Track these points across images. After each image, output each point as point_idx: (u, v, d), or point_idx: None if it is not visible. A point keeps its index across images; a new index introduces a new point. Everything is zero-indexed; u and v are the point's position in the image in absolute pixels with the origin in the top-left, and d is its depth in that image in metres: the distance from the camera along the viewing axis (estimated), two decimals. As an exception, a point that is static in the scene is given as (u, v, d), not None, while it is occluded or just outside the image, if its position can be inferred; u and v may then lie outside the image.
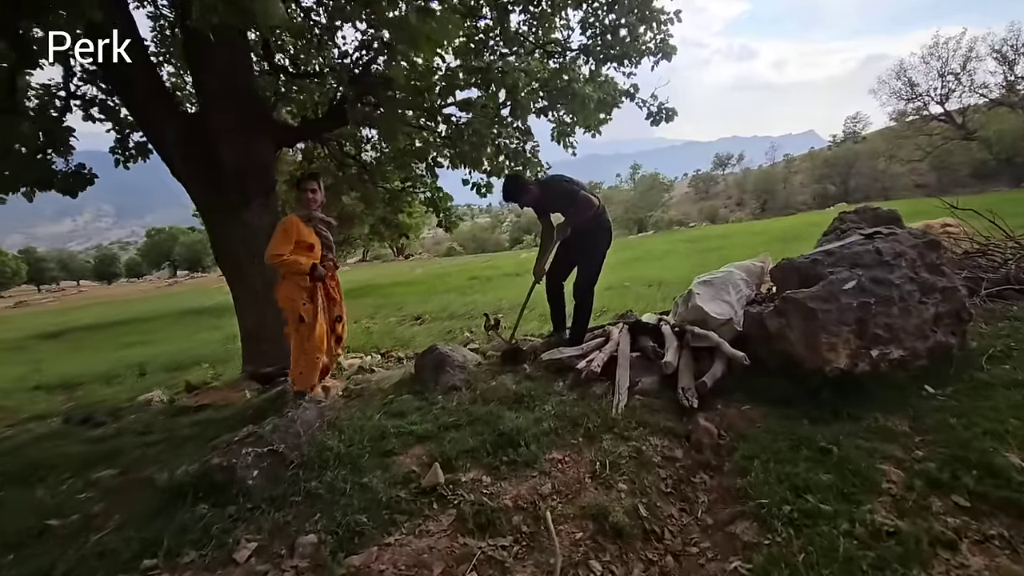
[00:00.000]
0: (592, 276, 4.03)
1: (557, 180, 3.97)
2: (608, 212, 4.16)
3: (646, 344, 3.49)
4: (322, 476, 2.40)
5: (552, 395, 3.21)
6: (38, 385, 7.70)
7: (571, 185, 3.87)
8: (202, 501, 2.29)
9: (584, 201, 3.77)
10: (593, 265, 4.01)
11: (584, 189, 3.89)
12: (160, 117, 4.07)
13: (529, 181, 4.03)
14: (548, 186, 3.95)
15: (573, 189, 3.84)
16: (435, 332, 8.88)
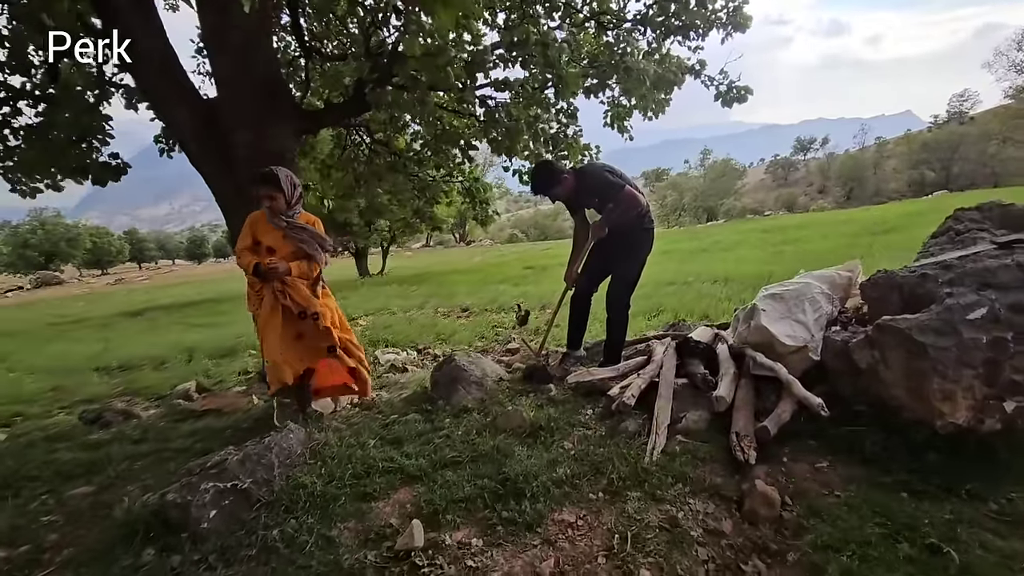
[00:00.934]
0: (629, 286, 3.45)
1: (597, 170, 3.36)
2: (650, 210, 3.55)
3: (696, 370, 2.88)
4: (286, 523, 2.03)
5: (575, 428, 2.69)
6: (99, 366, 8.05)
7: (613, 177, 3.27)
8: (152, 543, 2.00)
9: (628, 197, 3.18)
10: (631, 273, 3.43)
11: (629, 183, 3.30)
12: (174, 101, 3.85)
13: (564, 169, 3.43)
14: (585, 176, 3.35)
15: (615, 182, 3.23)
16: (479, 326, 8.51)
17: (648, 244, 3.46)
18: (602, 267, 3.53)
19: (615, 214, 3.23)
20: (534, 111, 4.05)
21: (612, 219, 3.25)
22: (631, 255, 3.41)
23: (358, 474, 2.34)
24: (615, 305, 3.42)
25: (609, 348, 3.50)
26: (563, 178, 3.31)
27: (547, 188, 3.33)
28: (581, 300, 3.64)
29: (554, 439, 2.58)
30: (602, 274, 3.55)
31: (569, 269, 3.58)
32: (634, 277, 3.45)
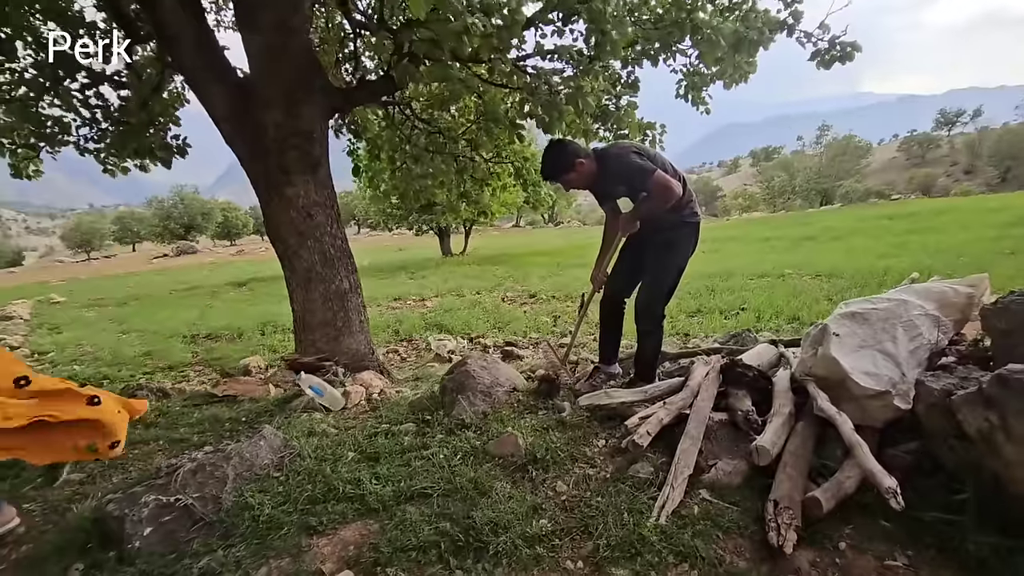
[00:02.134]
0: (662, 293, 2.87)
1: (623, 151, 2.74)
2: (696, 200, 2.92)
3: (740, 404, 2.29)
4: (215, 553, 1.81)
5: (577, 463, 2.24)
6: (190, 334, 8.71)
7: (642, 160, 2.65)
8: (84, 556, 1.87)
9: (659, 185, 2.56)
10: (665, 277, 2.84)
11: (663, 166, 2.70)
12: (208, 79, 3.78)
13: (581, 151, 2.81)
14: (608, 159, 2.75)
15: (644, 165, 2.61)
16: (541, 315, 8.12)
17: (690, 242, 2.86)
18: (633, 266, 2.98)
19: (648, 206, 2.66)
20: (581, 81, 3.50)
21: (644, 210, 2.68)
22: (666, 254, 2.82)
23: (315, 498, 2.07)
24: (644, 315, 2.87)
25: (640, 364, 2.96)
26: (577, 162, 2.74)
27: (557, 173, 2.79)
28: (611, 306, 3.10)
29: (547, 476, 2.16)
30: (634, 275, 2.99)
31: (595, 269, 3.06)
32: (669, 282, 2.86)
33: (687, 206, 2.81)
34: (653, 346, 2.91)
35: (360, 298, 4.35)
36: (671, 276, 2.85)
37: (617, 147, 2.88)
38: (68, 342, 8.95)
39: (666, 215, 2.72)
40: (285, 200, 3.88)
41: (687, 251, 2.88)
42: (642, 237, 2.86)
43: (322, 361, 3.99)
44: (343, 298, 4.17)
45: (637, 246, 2.95)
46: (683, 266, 2.90)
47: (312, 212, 3.97)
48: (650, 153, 2.76)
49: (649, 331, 2.88)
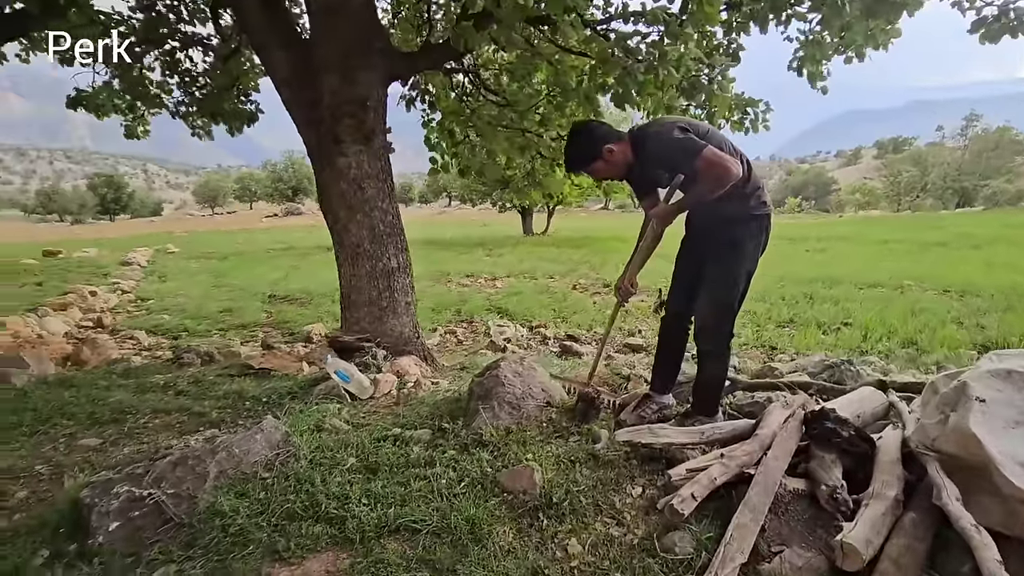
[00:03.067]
0: (729, 303, 2.30)
1: (664, 128, 2.15)
2: (765, 187, 2.31)
3: (824, 472, 1.74)
4: (171, 564, 1.62)
5: (602, 514, 1.82)
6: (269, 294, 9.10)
7: (687, 137, 2.07)
8: (54, 541, 1.76)
9: (710, 162, 1.99)
10: (731, 283, 2.27)
11: (719, 144, 2.11)
12: (273, 43, 3.64)
13: (611, 134, 2.26)
14: (647, 140, 2.18)
15: (688, 142, 2.05)
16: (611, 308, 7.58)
17: (759, 239, 2.28)
18: (695, 275, 2.42)
19: (695, 191, 2.11)
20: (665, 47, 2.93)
21: (691, 199, 2.14)
22: (731, 256, 2.26)
23: (293, 513, 1.83)
24: (706, 332, 2.34)
25: (699, 394, 2.44)
26: (606, 149, 2.20)
27: (581, 163, 2.30)
28: (672, 323, 2.56)
29: (560, 528, 1.76)
30: (697, 286, 2.43)
31: (623, 274, 2.53)
32: (736, 290, 2.29)
33: (753, 195, 2.23)
34: (717, 372, 2.38)
35: (409, 278, 4.13)
36: (738, 283, 2.29)
37: (658, 123, 2.31)
38: (168, 291, 9.72)
39: (727, 207, 2.17)
40: (336, 171, 3.69)
41: (756, 251, 2.30)
42: (700, 237, 2.33)
43: (362, 341, 3.82)
44: (390, 277, 3.96)
45: (695, 249, 2.41)
46: (752, 270, 2.32)
47: (363, 185, 3.76)
48: (701, 129, 2.18)
49: (712, 353, 2.35)
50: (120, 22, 5.15)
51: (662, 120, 2.42)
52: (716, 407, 2.41)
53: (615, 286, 2.52)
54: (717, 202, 2.10)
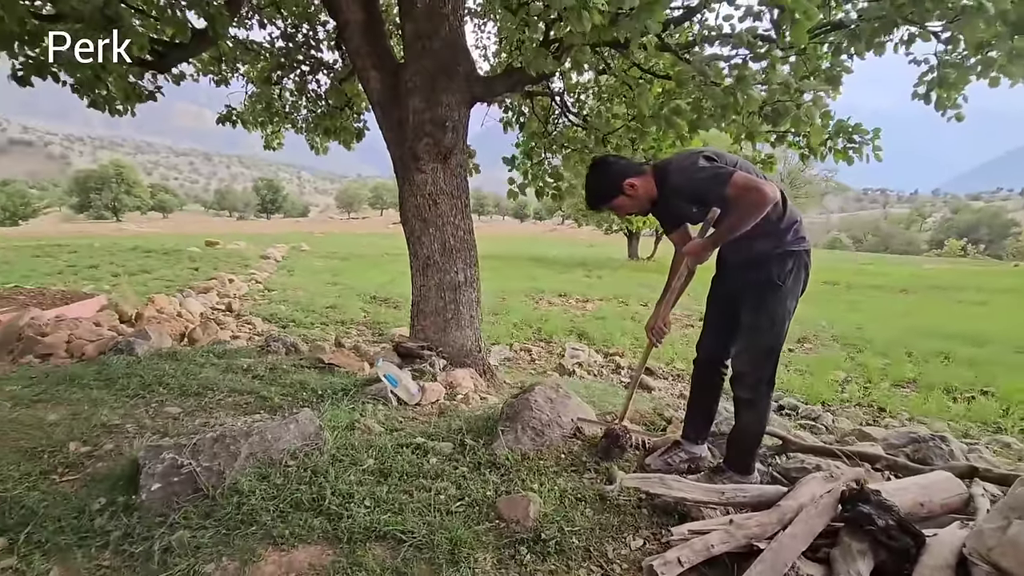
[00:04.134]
0: (768, 348, 2.07)
1: (689, 159, 2.02)
2: (803, 222, 2.08)
3: (849, 565, 1.48)
4: (187, 529, 1.81)
5: (589, 562, 1.72)
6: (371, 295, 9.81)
7: (714, 165, 1.93)
8: (114, 491, 2.05)
9: (742, 188, 1.82)
10: (768, 326, 2.04)
11: (744, 170, 1.93)
12: (369, 63, 3.98)
13: (632, 169, 2.15)
14: (669, 173, 2.05)
15: (716, 170, 1.90)
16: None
17: (798, 277, 2.04)
18: (728, 317, 2.21)
19: (728, 221, 1.91)
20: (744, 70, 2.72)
21: (725, 230, 1.94)
22: (768, 297, 2.03)
23: (299, 503, 1.96)
24: (743, 379, 2.12)
25: (732, 447, 2.21)
26: (626, 184, 2.09)
27: (601, 200, 2.19)
28: (705, 370, 2.36)
29: (541, 567, 1.70)
30: (731, 329, 2.21)
31: (654, 313, 2.35)
32: (774, 334, 2.06)
33: (790, 230, 2.02)
34: (754, 425, 2.14)
35: (475, 292, 4.24)
36: (777, 326, 2.05)
37: (681, 155, 2.14)
38: (290, 285, 10.88)
39: (761, 244, 1.99)
40: (414, 186, 3.92)
41: (795, 289, 2.06)
42: (732, 277, 2.13)
43: (424, 349, 3.98)
44: (456, 290, 4.10)
45: (728, 290, 2.21)
46: (792, 310, 2.08)
47: (438, 200, 3.94)
48: (730, 159, 2.01)
49: (749, 402, 2.12)
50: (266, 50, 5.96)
51: (685, 151, 2.27)
52: (751, 464, 2.17)
53: (647, 326, 2.38)
54: (750, 239, 1.92)
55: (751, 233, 1.88)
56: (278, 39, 5.91)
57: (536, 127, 4.75)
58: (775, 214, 1.95)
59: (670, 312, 2.31)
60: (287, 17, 5.90)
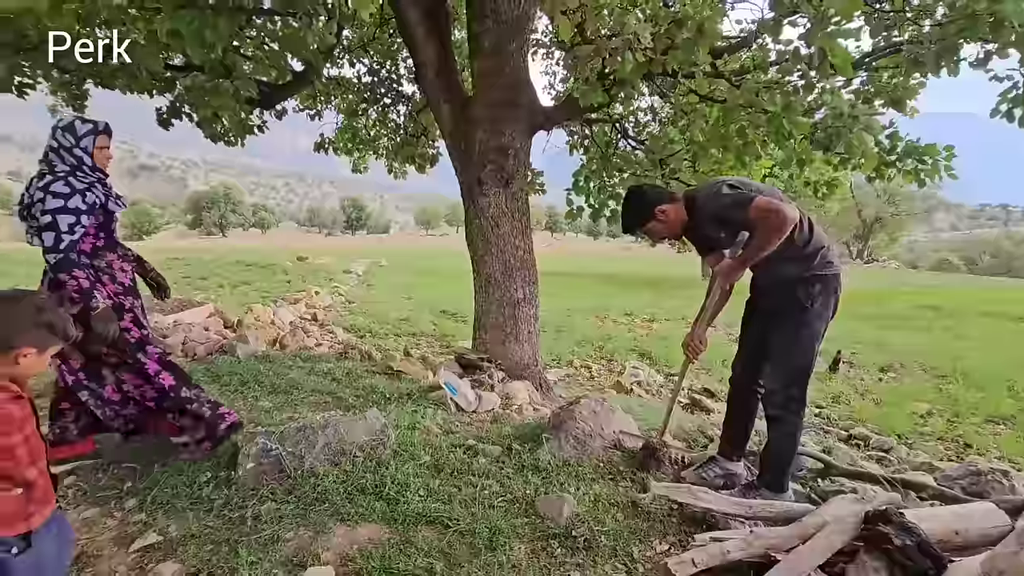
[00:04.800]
0: (797, 370, 2.14)
1: (715, 187, 2.20)
2: (832, 248, 2.12)
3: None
4: (272, 503, 2.15)
5: (614, 560, 1.87)
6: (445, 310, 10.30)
7: (736, 191, 2.08)
8: (218, 467, 2.45)
9: (763, 211, 1.95)
10: (796, 349, 2.15)
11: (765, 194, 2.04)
12: (442, 99, 4.37)
13: (663, 196, 2.32)
14: (697, 200, 2.24)
15: (739, 195, 2.05)
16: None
17: (827, 301, 2.14)
18: (759, 340, 2.28)
19: (754, 243, 2.03)
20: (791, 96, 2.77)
21: (752, 251, 2.05)
22: (792, 319, 2.12)
23: (364, 487, 2.25)
24: (773, 397, 2.20)
25: (765, 464, 2.26)
26: (657, 211, 2.25)
27: (635, 224, 2.36)
28: (739, 389, 2.45)
29: (569, 560, 1.87)
30: (762, 351, 2.28)
31: (691, 331, 2.44)
32: (804, 357, 2.15)
33: (816, 255, 2.11)
34: (785, 442, 2.19)
35: (535, 309, 4.46)
36: (806, 349, 2.14)
37: (707, 185, 2.32)
38: (369, 298, 11.65)
39: (788, 268, 2.11)
40: (478, 209, 4.23)
41: (825, 313, 2.15)
42: (763, 301, 2.20)
43: (483, 361, 4.25)
44: (516, 307, 4.35)
45: (760, 313, 2.28)
46: (820, 333, 2.17)
47: (500, 222, 4.23)
48: (754, 185, 2.15)
49: (779, 418, 2.18)
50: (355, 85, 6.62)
51: (711, 181, 2.40)
52: (783, 482, 2.21)
53: (684, 343, 2.50)
54: (778, 264, 2.03)
55: (778, 256, 1.99)
56: (365, 75, 6.56)
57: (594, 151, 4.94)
58: (800, 240, 2.05)
59: (706, 330, 2.42)
60: (373, 55, 6.54)
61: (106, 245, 2.49)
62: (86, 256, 2.39)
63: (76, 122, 2.40)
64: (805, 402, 2.18)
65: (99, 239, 2.47)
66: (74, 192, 2.29)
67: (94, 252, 2.44)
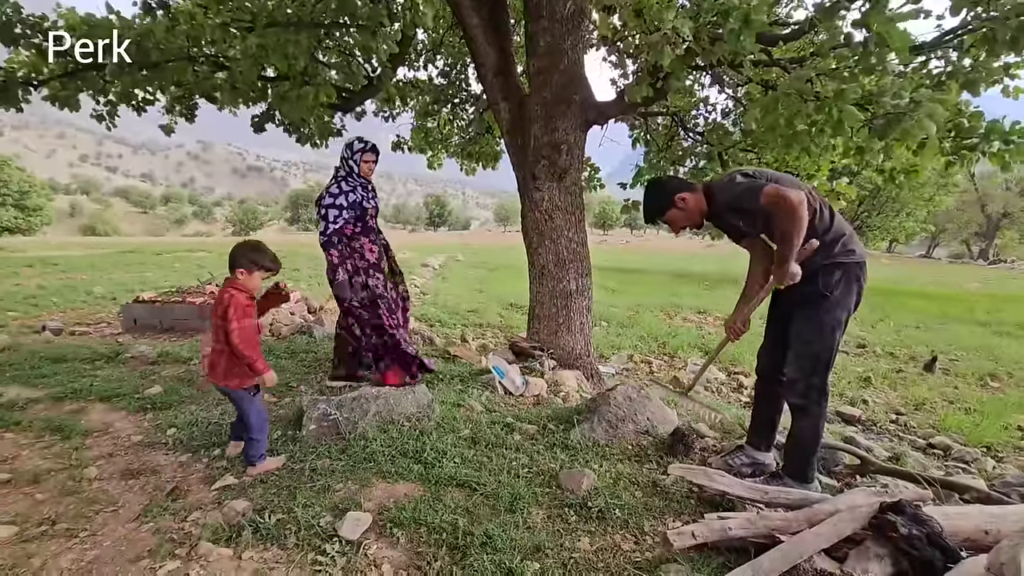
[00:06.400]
0: (817, 359, 2.11)
1: (730, 176, 2.24)
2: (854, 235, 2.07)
3: (860, 563, 1.53)
4: (327, 459, 2.45)
5: (625, 530, 1.97)
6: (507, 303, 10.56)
7: (749, 180, 2.11)
8: (287, 427, 2.81)
9: (773, 198, 1.96)
10: (817, 338, 2.10)
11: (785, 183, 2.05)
12: (500, 97, 4.56)
13: (683, 185, 2.30)
14: (715, 190, 2.25)
15: (752, 183, 2.07)
16: (848, 375, 6.42)
17: (848, 289, 2.08)
18: (782, 332, 2.23)
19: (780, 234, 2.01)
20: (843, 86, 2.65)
21: (783, 245, 2.00)
22: (816, 309, 2.08)
23: (406, 451, 2.51)
24: (794, 385, 2.17)
25: (789, 453, 2.24)
26: (677, 199, 2.27)
27: (656, 212, 2.38)
28: (765, 380, 2.43)
29: (582, 527, 1.99)
30: (786, 340, 2.23)
31: (734, 313, 2.42)
32: (824, 345, 2.11)
33: (837, 243, 2.05)
34: (808, 430, 2.16)
35: (587, 301, 4.55)
36: (825, 335, 2.09)
37: (725, 175, 2.31)
38: (442, 290, 12.15)
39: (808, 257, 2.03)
40: (532, 202, 4.39)
41: (845, 300, 2.08)
42: (786, 289, 2.15)
43: (535, 349, 4.42)
44: (568, 297, 4.46)
45: (783, 302, 2.23)
46: (843, 321, 2.11)
47: (553, 215, 4.36)
48: (769, 174, 2.13)
49: (801, 407, 2.16)
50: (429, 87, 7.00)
51: (729, 171, 2.37)
52: (807, 472, 2.18)
53: (726, 324, 2.50)
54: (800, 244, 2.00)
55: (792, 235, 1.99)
56: (437, 76, 6.92)
57: (652, 145, 4.92)
58: (821, 227, 2.02)
59: (750, 315, 2.42)
60: (446, 57, 6.88)
61: (361, 232, 3.43)
62: (346, 238, 3.37)
63: (354, 141, 3.41)
64: (827, 391, 2.14)
65: (356, 227, 3.41)
66: (341, 193, 3.32)
67: (352, 236, 3.40)
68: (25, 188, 40.33)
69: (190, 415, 2.98)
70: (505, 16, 4.60)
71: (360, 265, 3.41)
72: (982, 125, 3.19)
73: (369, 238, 3.47)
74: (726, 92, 3.75)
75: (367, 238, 3.45)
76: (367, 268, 3.43)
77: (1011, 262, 37.18)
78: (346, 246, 3.37)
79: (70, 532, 1.93)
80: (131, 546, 1.86)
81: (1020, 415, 4.98)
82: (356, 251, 3.41)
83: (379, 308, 3.45)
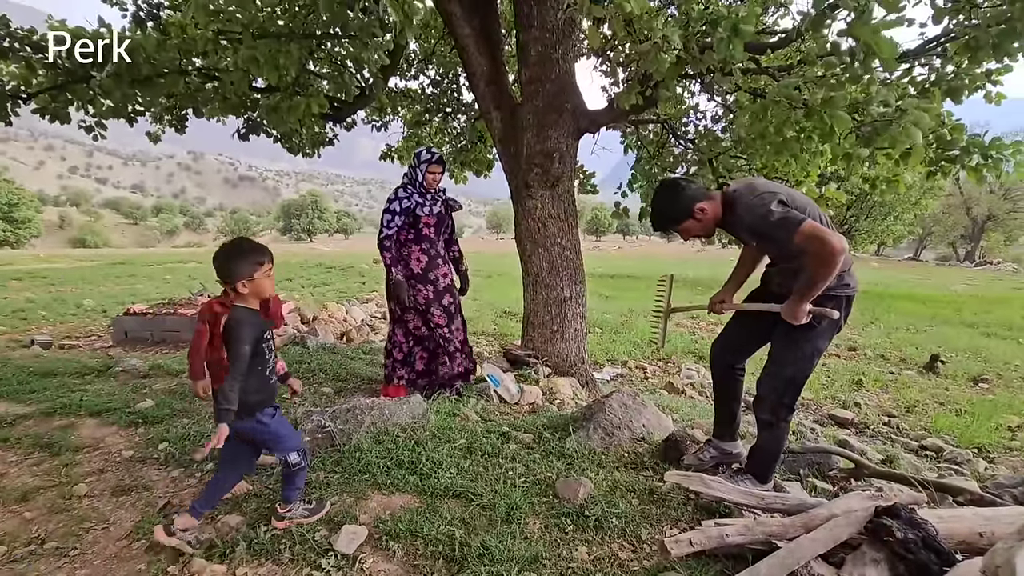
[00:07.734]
0: (794, 381, 2.12)
1: (758, 195, 2.01)
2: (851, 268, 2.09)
3: (856, 568, 1.54)
4: (321, 471, 2.43)
5: (622, 539, 1.97)
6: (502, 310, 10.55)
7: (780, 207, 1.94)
8: (280, 441, 2.78)
9: (812, 239, 1.84)
10: (798, 362, 2.11)
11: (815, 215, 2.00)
12: (492, 106, 4.58)
13: (700, 193, 2.16)
14: (738, 203, 2.07)
15: (784, 216, 1.91)
16: (843, 379, 6.46)
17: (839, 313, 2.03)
18: (756, 330, 2.26)
19: (806, 278, 1.93)
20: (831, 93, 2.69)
21: (807, 287, 1.92)
22: (802, 335, 2.08)
23: (401, 462, 2.49)
24: (764, 402, 2.19)
25: (752, 459, 2.29)
26: (697, 209, 2.13)
27: (671, 222, 2.23)
28: (719, 372, 2.49)
29: (578, 538, 1.99)
30: (753, 339, 2.29)
31: (720, 291, 2.47)
32: (803, 370, 2.12)
33: (840, 276, 2.03)
34: (772, 444, 2.24)
35: (581, 308, 4.56)
36: (805, 363, 2.10)
37: (754, 191, 2.06)
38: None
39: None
40: (525, 210, 4.40)
41: (830, 330, 2.08)
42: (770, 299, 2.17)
43: (529, 356, 4.41)
44: (562, 305, 4.47)
45: (766, 316, 2.22)
46: (823, 349, 2.13)
47: (546, 223, 4.38)
48: (800, 202, 2.03)
49: (768, 423, 2.20)
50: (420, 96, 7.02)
51: (754, 184, 2.12)
52: (767, 475, 2.28)
53: (712, 297, 2.49)
54: (795, 278, 2.02)
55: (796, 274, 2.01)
56: (428, 86, 6.95)
57: (644, 152, 4.95)
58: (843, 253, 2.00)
59: (732, 295, 2.43)
60: (438, 67, 6.91)
61: (412, 240, 3.48)
62: (400, 244, 3.45)
63: (422, 152, 3.46)
64: (794, 408, 2.18)
65: (409, 234, 3.47)
66: (396, 199, 3.41)
67: (404, 243, 3.47)
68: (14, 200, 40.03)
69: (182, 429, 2.95)
70: (496, 26, 4.63)
71: (406, 274, 3.46)
72: (963, 138, 3.24)
73: (421, 247, 3.48)
74: (715, 100, 3.79)
75: (418, 247, 3.47)
76: (409, 278, 3.47)
77: (996, 264, 37.65)
78: (398, 252, 3.44)
79: (60, 551, 1.90)
80: (122, 564, 1.84)
81: (1010, 415, 5.04)
82: (403, 259, 3.46)
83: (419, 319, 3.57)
